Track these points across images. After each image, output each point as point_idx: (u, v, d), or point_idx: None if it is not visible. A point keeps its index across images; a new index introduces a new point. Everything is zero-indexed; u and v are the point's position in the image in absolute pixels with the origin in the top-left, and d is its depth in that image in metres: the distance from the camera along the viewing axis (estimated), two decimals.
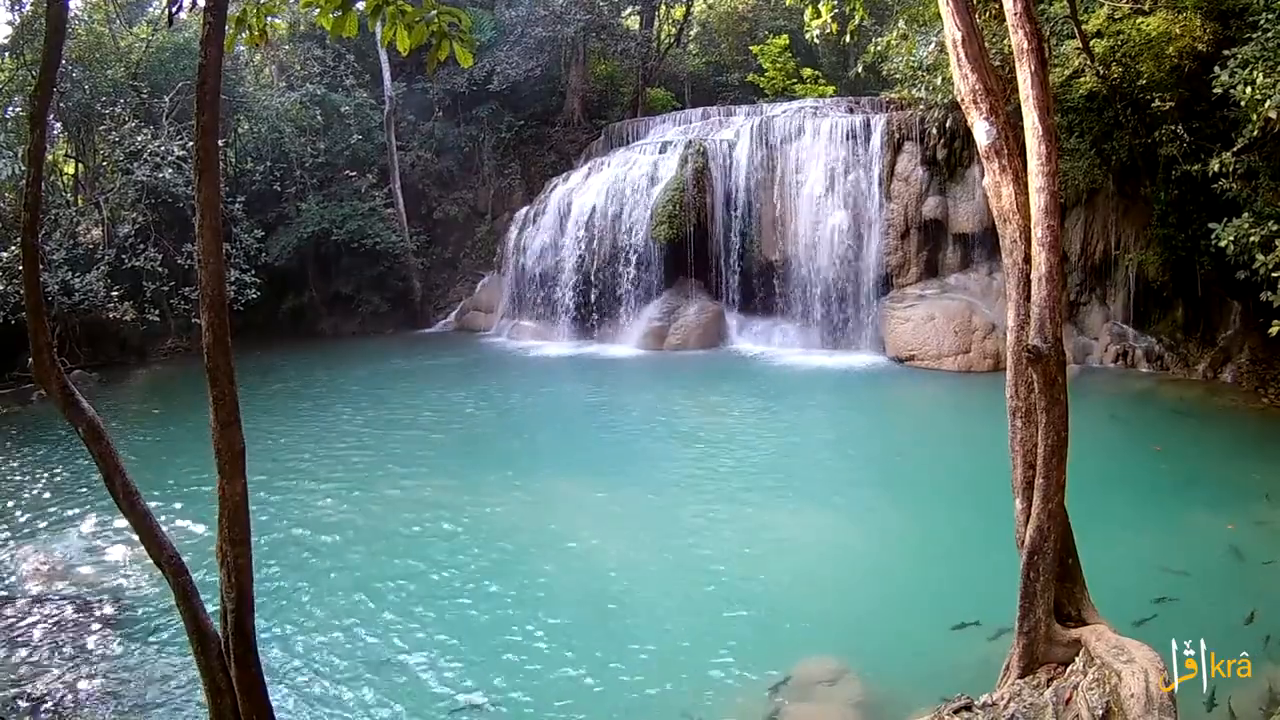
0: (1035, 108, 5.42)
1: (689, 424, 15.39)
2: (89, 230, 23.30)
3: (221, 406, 4.50)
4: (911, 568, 9.43)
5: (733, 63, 33.11)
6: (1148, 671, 4.78)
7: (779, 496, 11.68)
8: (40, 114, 5.04)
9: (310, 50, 28.08)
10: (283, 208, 25.97)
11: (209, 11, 4.46)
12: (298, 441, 14.42)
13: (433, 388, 18.76)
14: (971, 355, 18.94)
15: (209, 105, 4.41)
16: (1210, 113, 14.18)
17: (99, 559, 9.79)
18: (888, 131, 21.44)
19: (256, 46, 7.33)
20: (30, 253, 4.89)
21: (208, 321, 4.46)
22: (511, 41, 28.14)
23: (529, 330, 24.36)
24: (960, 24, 5.83)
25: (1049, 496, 5.31)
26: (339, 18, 4.60)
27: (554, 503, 11.45)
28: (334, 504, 11.40)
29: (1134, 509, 10.69)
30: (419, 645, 7.72)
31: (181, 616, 4.84)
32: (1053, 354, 5.20)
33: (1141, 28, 13.96)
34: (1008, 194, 5.68)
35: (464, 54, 4.62)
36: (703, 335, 22.24)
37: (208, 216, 4.44)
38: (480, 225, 28.85)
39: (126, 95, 23.09)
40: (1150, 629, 6.34)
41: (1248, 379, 16.09)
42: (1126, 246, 18.66)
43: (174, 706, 6.86)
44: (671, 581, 8.99)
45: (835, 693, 6.75)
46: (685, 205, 22.33)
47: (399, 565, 9.45)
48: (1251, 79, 11.10)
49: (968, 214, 20.72)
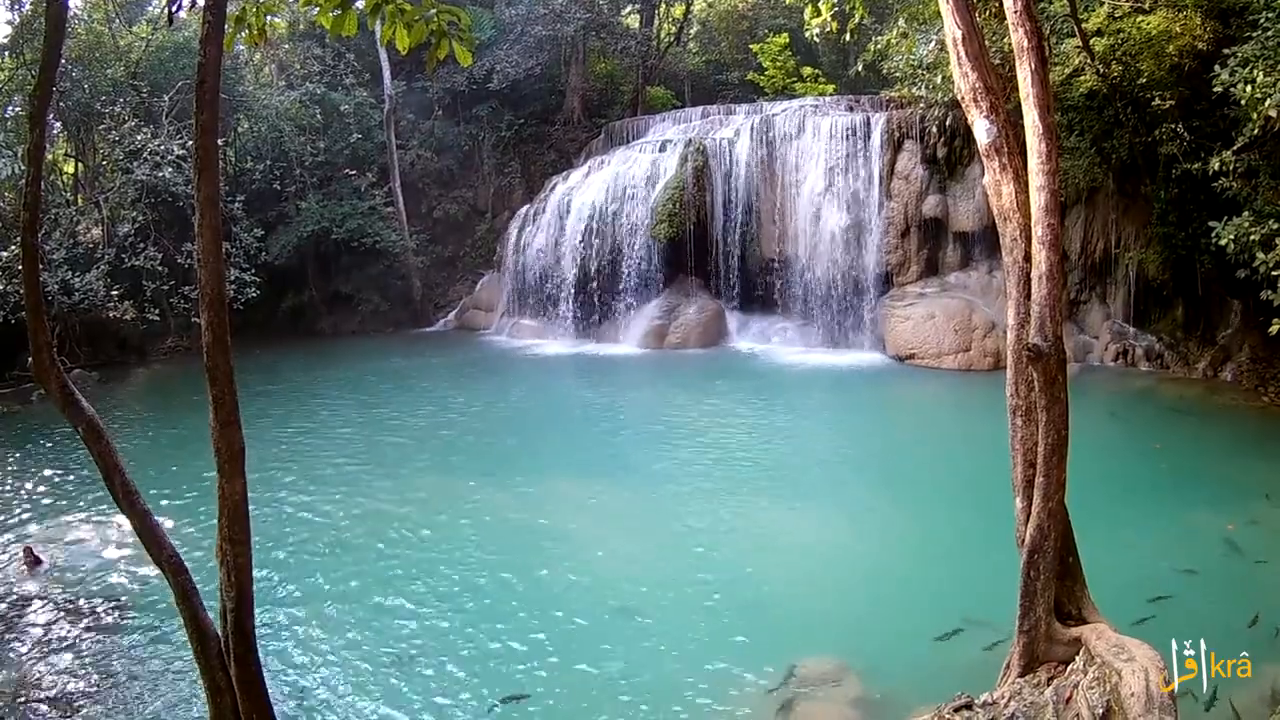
0: (1035, 106, 5.41)
1: (689, 423, 15.38)
2: (89, 229, 23.28)
3: (221, 406, 4.50)
4: (912, 567, 9.43)
5: (733, 61, 33.07)
6: (1148, 670, 4.78)
7: (779, 495, 11.68)
8: (40, 113, 5.05)
9: (310, 49, 28.04)
10: (282, 206, 25.96)
11: (208, 10, 4.46)
12: (298, 441, 14.41)
13: (432, 387, 18.76)
14: (971, 354, 18.94)
15: (208, 104, 4.41)
16: (1210, 111, 14.17)
17: (99, 558, 9.79)
18: (888, 130, 21.43)
19: (256, 45, 7.33)
20: (30, 252, 4.89)
21: (207, 321, 4.46)
22: (511, 40, 28.12)
23: (529, 329, 24.36)
24: (960, 22, 5.82)
25: (1049, 495, 5.30)
26: (338, 16, 4.60)
27: (553, 501, 11.44)
28: (333, 503, 11.39)
29: (1134, 507, 10.69)
30: (419, 644, 7.71)
31: (181, 615, 4.84)
32: (1053, 352, 5.19)
33: (1142, 26, 13.95)
34: (1008, 192, 5.68)
35: (463, 52, 4.62)
36: (703, 334, 22.24)
37: (207, 215, 4.44)
38: (480, 224, 28.84)
39: (126, 94, 23.06)
40: (1150, 628, 6.33)
41: (1248, 377, 16.08)
42: (1127, 245, 18.66)
43: (174, 706, 6.86)
44: (671, 580, 8.98)
45: (836, 692, 6.75)
46: (685, 204, 22.33)
47: (398, 564, 9.45)
48: (1252, 77, 11.09)
49: (968, 212, 20.71)
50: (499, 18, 28.78)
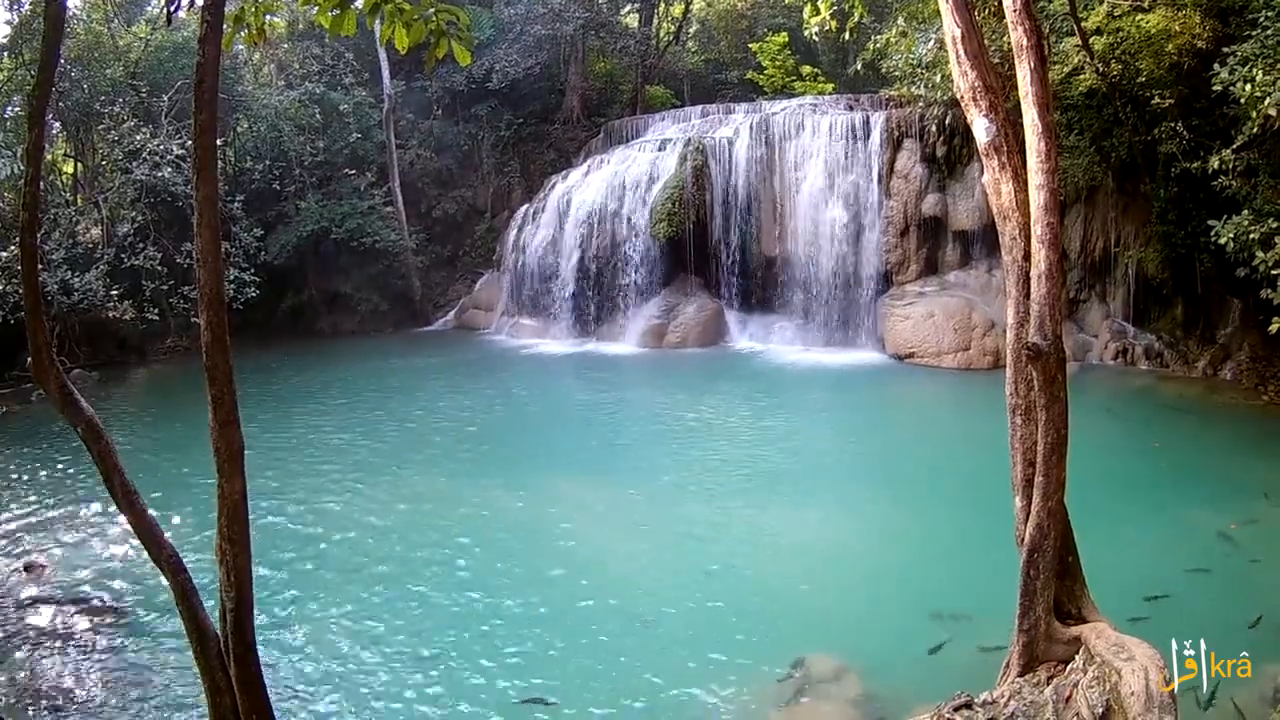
0: (1035, 104, 5.41)
1: (689, 422, 15.38)
2: (88, 229, 23.25)
3: (220, 405, 4.49)
4: (911, 566, 9.43)
5: (732, 60, 33.07)
6: (1148, 669, 4.77)
7: (779, 495, 11.68)
8: (38, 113, 5.04)
9: (309, 49, 28.02)
10: (282, 206, 25.94)
11: (207, 10, 4.45)
12: (297, 440, 14.41)
13: (432, 386, 18.75)
14: (971, 353, 18.93)
15: (207, 104, 4.40)
16: (1210, 110, 14.16)
17: (98, 558, 9.78)
18: (887, 129, 21.42)
19: (255, 45, 7.33)
20: (29, 252, 4.88)
21: (206, 320, 4.46)
22: (510, 39, 28.11)
23: (528, 328, 24.34)
24: (959, 21, 5.81)
25: (1049, 494, 5.30)
26: (337, 16, 4.59)
27: (554, 500, 11.44)
28: (333, 502, 11.39)
29: (1133, 506, 10.69)
30: (420, 643, 7.72)
31: (180, 615, 4.83)
32: (1053, 351, 5.19)
33: (1141, 25, 13.94)
34: (1007, 191, 5.67)
35: (462, 52, 4.61)
36: (702, 333, 22.23)
37: (206, 215, 4.44)
38: (479, 223, 28.83)
39: (125, 94, 23.04)
40: (1149, 627, 6.32)
41: (1247, 376, 16.08)
42: (1126, 244, 18.66)
43: (173, 706, 6.85)
44: (672, 578, 8.99)
45: (835, 691, 6.76)
46: (685, 203, 22.32)
47: (397, 563, 9.45)
48: (1251, 76, 11.09)
49: (967, 211, 20.70)
50: (498, 17, 28.77)
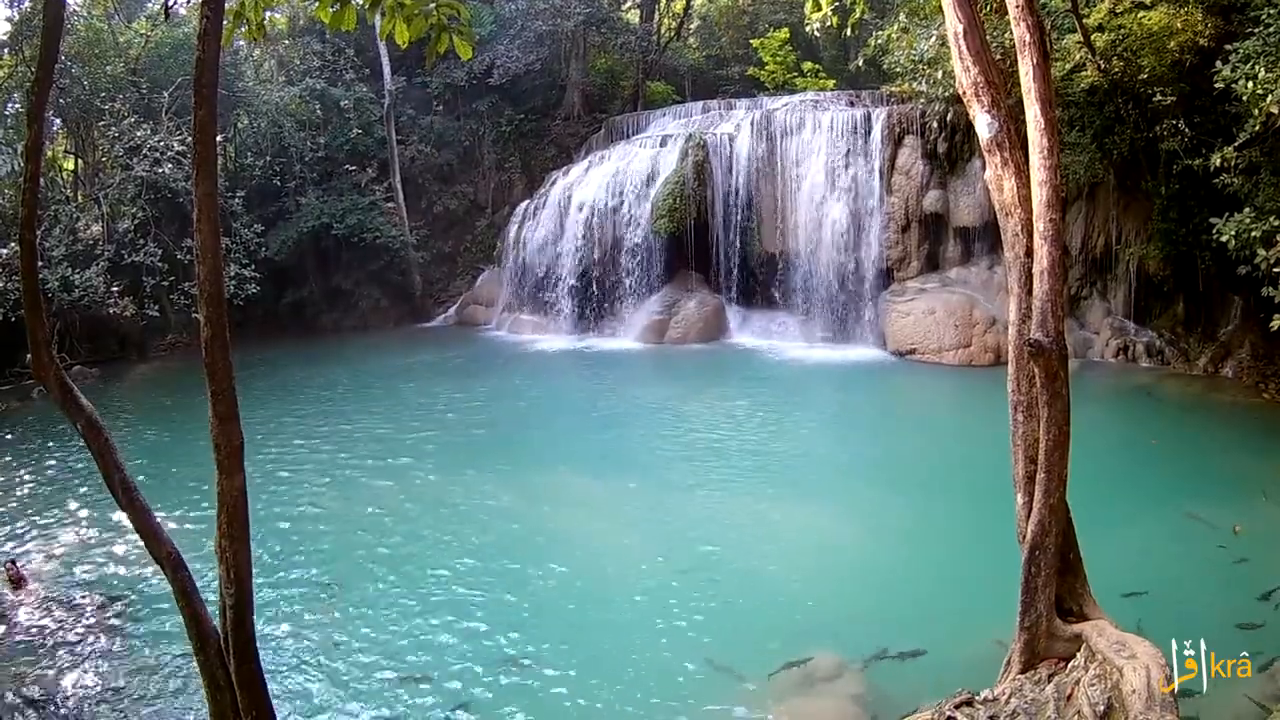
0: (1037, 101, 5.39)
1: (689, 418, 15.37)
2: (88, 226, 23.24)
3: (220, 401, 4.48)
4: (912, 562, 9.42)
5: (733, 56, 33.00)
6: (1149, 668, 4.77)
7: (779, 491, 11.67)
8: (38, 109, 5.01)
9: (309, 44, 28.01)
10: (282, 202, 25.93)
11: (206, 5, 4.43)
12: (297, 437, 14.41)
13: (432, 382, 18.74)
14: (972, 349, 18.91)
15: (206, 100, 4.38)
16: (1212, 107, 14.13)
17: (98, 555, 9.78)
18: (888, 125, 21.38)
19: (255, 41, 7.31)
20: (29, 248, 4.87)
21: (206, 317, 4.44)
22: (511, 35, 28.08)
23: (529, 324, 24.33)
24: (961, 17, 5.80)
25: (1050, 491, 5.29)
26: (337, 11, 4.59)
27: (555, 496, 11.44)
28: (333, 499, 11.40)
29: (1134, 504, 10.68)
30: (418, 643, 7.72)
31: (181, 613, 4.83)
32: (1055, 348, 5.18)
33: (1143, 22, 13.92)
34: (1009, 187, 5.66)
35: (463, 47, 4.60)
36: (703, 329, 22.22)
37: (206, 211, 4.42)
38: (480, 219, 28.82)
39: (125, 90, 23.04)
40: (1149, 625, 6.32)
41: (1248, 374, 16.06)
42: (1127, 241, 18.63)
43: (173, 703, 6.86)
44: (672, 575, 8.98)
45: (836, 687, 6.76)
46: (685, 199, 22.30)
47: (398, 559, 9.45)
48: (1253, 74, 11.08)
49: (968, 207, 20.66)
50: (499, 12, 28.73)
